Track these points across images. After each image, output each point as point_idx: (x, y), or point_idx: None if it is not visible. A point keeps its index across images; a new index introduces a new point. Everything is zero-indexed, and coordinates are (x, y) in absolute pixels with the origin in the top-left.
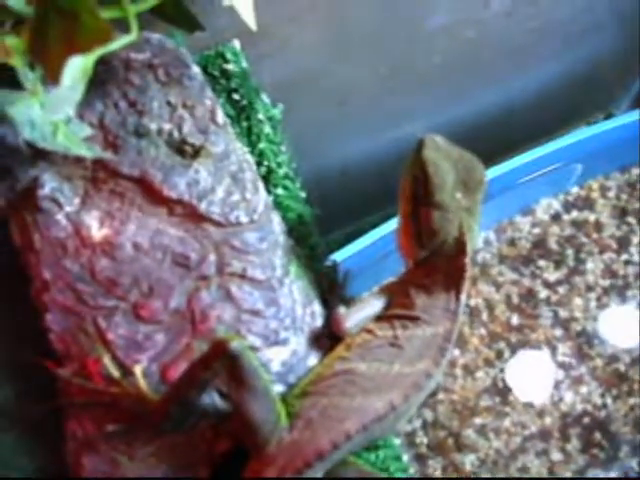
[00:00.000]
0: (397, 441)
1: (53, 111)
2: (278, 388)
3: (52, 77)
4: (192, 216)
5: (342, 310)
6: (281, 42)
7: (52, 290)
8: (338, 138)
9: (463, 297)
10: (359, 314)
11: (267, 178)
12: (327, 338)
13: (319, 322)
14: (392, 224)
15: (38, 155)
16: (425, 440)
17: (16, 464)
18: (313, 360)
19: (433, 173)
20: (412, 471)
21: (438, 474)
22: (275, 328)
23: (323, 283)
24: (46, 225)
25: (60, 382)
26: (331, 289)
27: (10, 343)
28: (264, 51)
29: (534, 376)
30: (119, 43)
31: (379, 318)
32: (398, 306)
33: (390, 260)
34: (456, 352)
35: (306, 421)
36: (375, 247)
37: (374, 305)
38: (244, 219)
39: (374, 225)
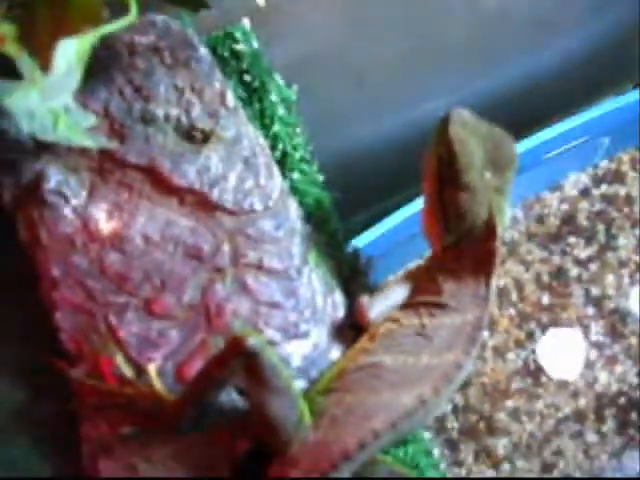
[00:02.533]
0: (427, 435)
1: (49, 99)
2: (300, 384)
3: (43, 63)
4: (204, 205)
5: (365, 299)
6: (293, 20)
7: (61, 287)
8: (358, 118)
9: (493, 283)
10: (383, 302)
11: (282, 162)
12: (350, 329)
13: (341, 312)
14: (416, 205)
15: (42, 148)
16: (456, 425)
17: (31, 468)
18: (336, 353)
19: (460, 152)
20: (443, 466)
21: (470, 459)
22: (295, 320)
23: (344, 271)
24: (53, 220)
25: (73, 383)
26: (353, 277)
27: (21, 344)
28: (276, 30)
29: (567, 356)
30: (117, 25)
31: (404, 306)
32: (424, 293)
33: (416, 242)
34: (485, 334)
35: (330, 419)
36: (399, 229)
37: (399, 292)
38: (258, 206)
39: (398, 206)
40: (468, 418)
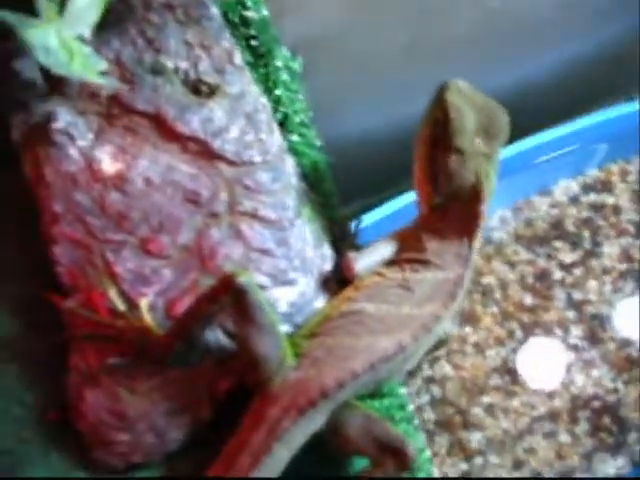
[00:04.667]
0: (403, 390)
1: (67, 29)
2: (285, 328)
3: None
4: (205, 153)
5: (352, 254)
6: None
7: (61, 223)
8: (357, 103)
9: (476, 244)
10: (370, 258)
11: (283, 124)
12: (336, 282)
13: (329, 265)
14: (412, 195)
15: (54, 90)
16: (432, 416)
17: (17, 396)
18: (321, 302)
19: (454, 117)
20: (416, 422)
21: (443, 451)
22: (284, 268)
23: (335, 230)
24: (58, 158)
25: (66, 315)
26: (343, 236)
27: (17, 277)
28: (286, 6)
29: (545, 358)
30: None
31: (390, 262)
32: (410, 250)
33: None
34: (468, 329)
35: (312, 360)
36: (395, 217)
37: (385, 250)
38: (257, 159)
39: (395, 195)
40: (445, 410)
